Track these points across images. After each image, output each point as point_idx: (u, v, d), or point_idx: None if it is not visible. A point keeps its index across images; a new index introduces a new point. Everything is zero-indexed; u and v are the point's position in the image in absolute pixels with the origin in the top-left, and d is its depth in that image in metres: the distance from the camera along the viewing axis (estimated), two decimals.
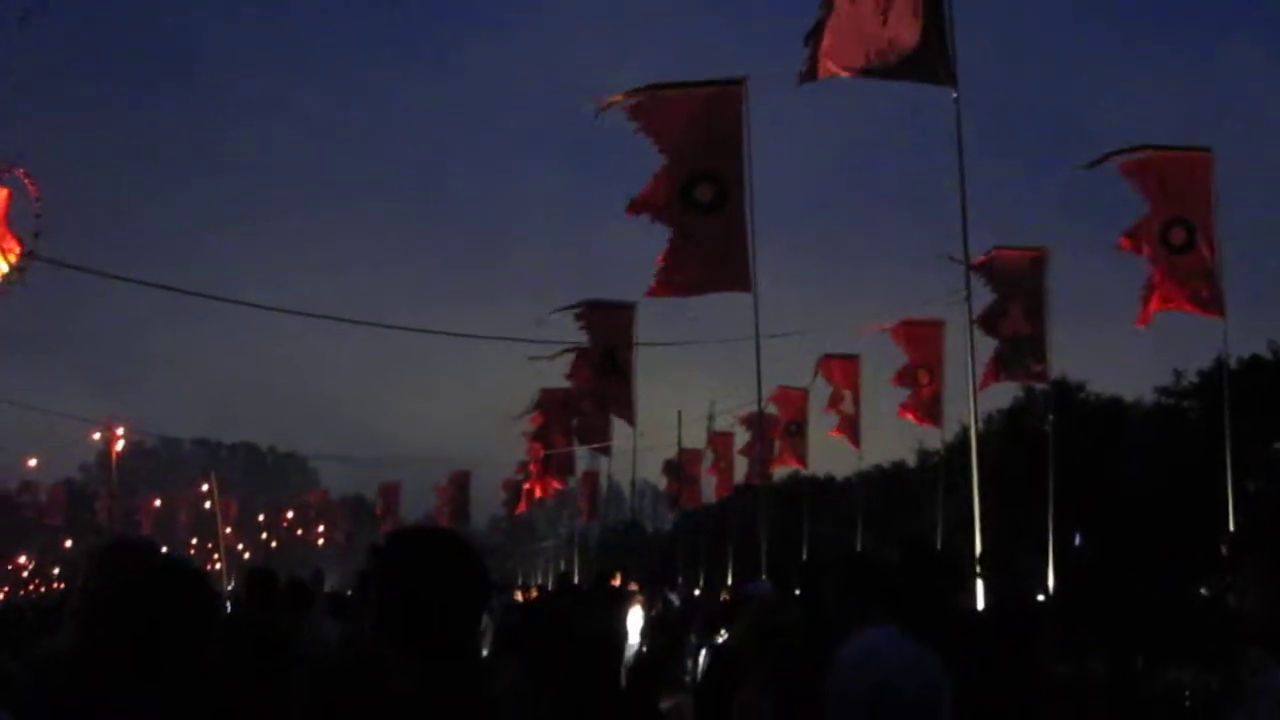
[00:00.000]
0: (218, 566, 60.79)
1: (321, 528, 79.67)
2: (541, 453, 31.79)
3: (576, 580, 24.17)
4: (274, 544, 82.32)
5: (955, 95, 13.05)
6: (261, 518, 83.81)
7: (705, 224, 13.49)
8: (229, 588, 37.75)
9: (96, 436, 53.88)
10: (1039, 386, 23.11)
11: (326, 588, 16.56)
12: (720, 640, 7.72)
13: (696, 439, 39.42)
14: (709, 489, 40.45)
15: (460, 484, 49.59)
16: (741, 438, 35.01)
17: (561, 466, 33.21)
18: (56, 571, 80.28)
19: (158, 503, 74.50)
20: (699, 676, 6.93)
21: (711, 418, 38.47)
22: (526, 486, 36.68)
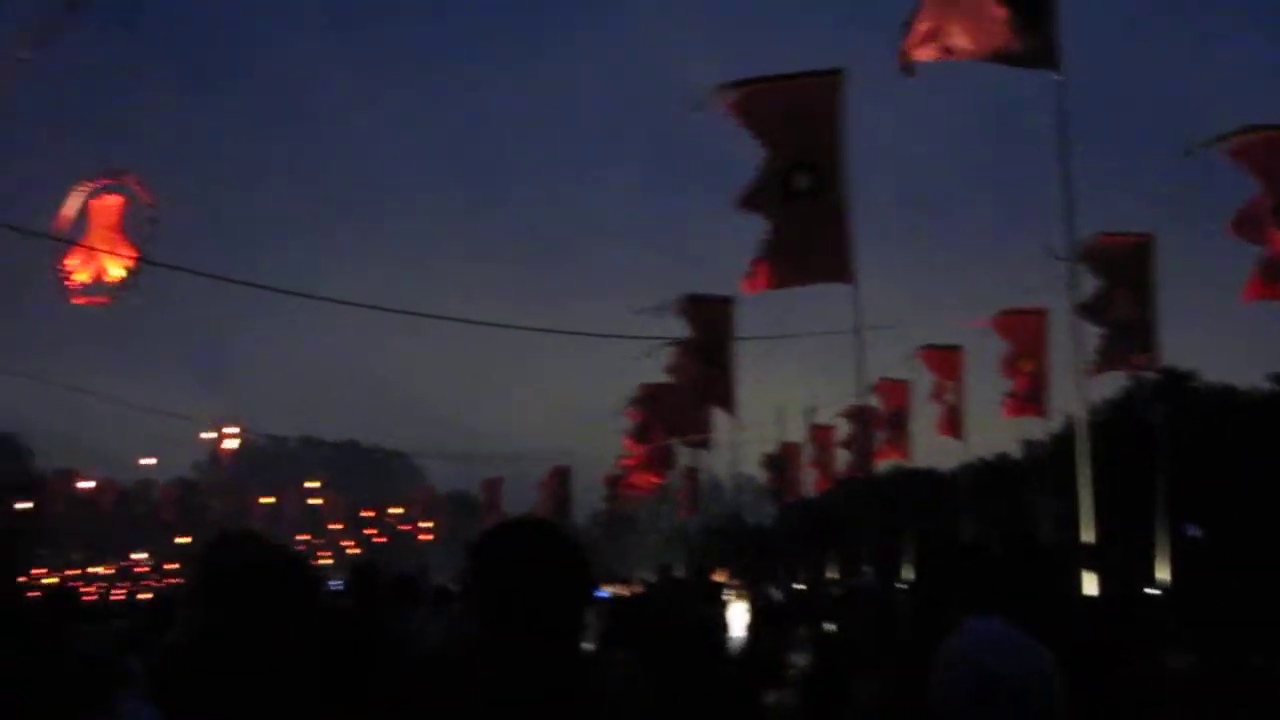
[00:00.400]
0: (324, 563, 61.79)
1: (426, 524, 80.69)
2: (641, 448, 31.87)
3: (678, 575, 24.21)
4: (379, 540, 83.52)
5: (1059, 79, 12.82)
6: (367, 514, 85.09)
7: (804, 215, 13.42)
8: (336, 584, 38.26)
9: (208, 436, 55.29)
10: (1147, 375, 22.66)
11: (431, 583, 16.76)
12: (828, 632, 7.70)
13: (797, 432, 39.27)
14: (810, 482, 40.23)
15: (562, 479, 50.03)
16: (843, 430, 34.82)
17: (661, 461, 33.25)
18: (172, 568, 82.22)
19: (267, 500, 76.01)
20: (806, 669, 6.91)
21: (812, 411, 38.23)
22: (627, 482, 36.82)
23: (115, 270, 45.62)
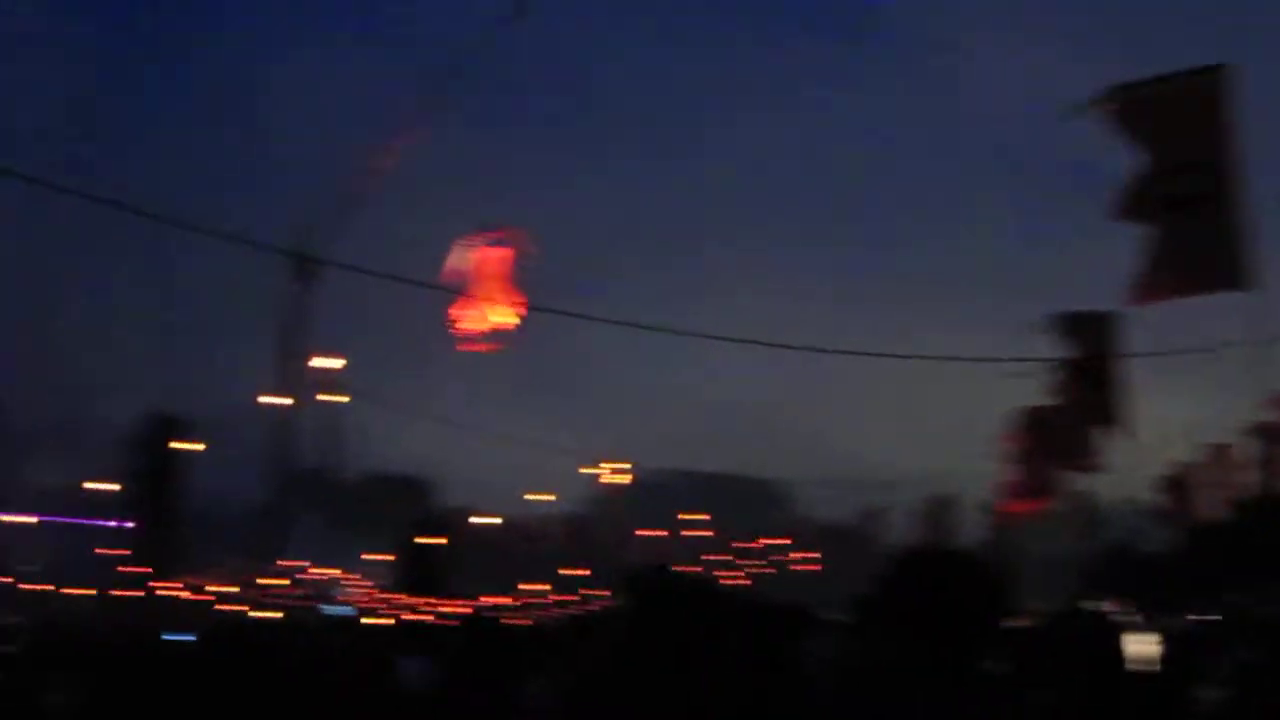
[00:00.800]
0: None
1: (806, 554, 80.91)
2: (1023, 473, 30.84)
3: (1070, 604, 23.20)
4: (760, 571, 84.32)
5: None
6: (747, 546, 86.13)
7: (1192, 222, 12.71)
8: None
9: (593, 471, 58.10)
10: None
11: (813, 613, 16.79)
12: (1253, 663, 7.22)
13: (1194, 453, 37.07)
14: (1210, 504, 37.81)
15: (942, 507, 49.20)
16: (1246, 449, 32.56)
17: (1046, 487, 32.02)
18: (564, 599, 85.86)
19: (650, 532, 78.35)
20: (1225, 703, 6.50)
21: (1210, 429, 36.00)
22: (1008, 509, 35.72)
23: (503, 318, 48.86)
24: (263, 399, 45.19)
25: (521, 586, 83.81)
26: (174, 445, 49.58)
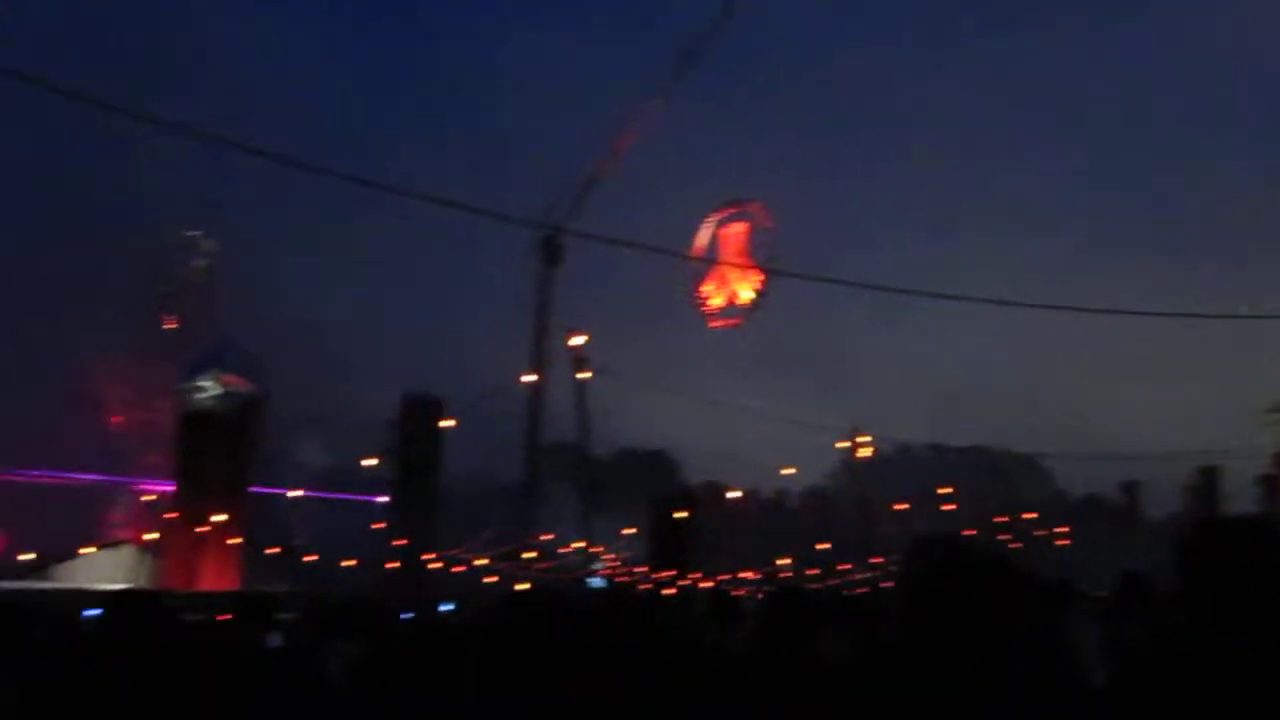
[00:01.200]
0: None
1: (1059, 529, 78.45)
2: None
3: None
4: (1013, 545, 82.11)
5: None
6: (999, 520, 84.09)
7: None
8: None
9: (842, 445, 57.92)
10: None
11: (1077, 587, 16.28)
12: None
13: None
14: None
15: (1208, 479, 46.90)
16: None
17: None
18: (812, 573, 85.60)
19: (898, 507, 77.31)
20: None
21: None
22: None
23: (745, 292, 49.01)
24: (520, 376, 46.68)
25: (768, 560, 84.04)
26: (431, 423, 51.48)
